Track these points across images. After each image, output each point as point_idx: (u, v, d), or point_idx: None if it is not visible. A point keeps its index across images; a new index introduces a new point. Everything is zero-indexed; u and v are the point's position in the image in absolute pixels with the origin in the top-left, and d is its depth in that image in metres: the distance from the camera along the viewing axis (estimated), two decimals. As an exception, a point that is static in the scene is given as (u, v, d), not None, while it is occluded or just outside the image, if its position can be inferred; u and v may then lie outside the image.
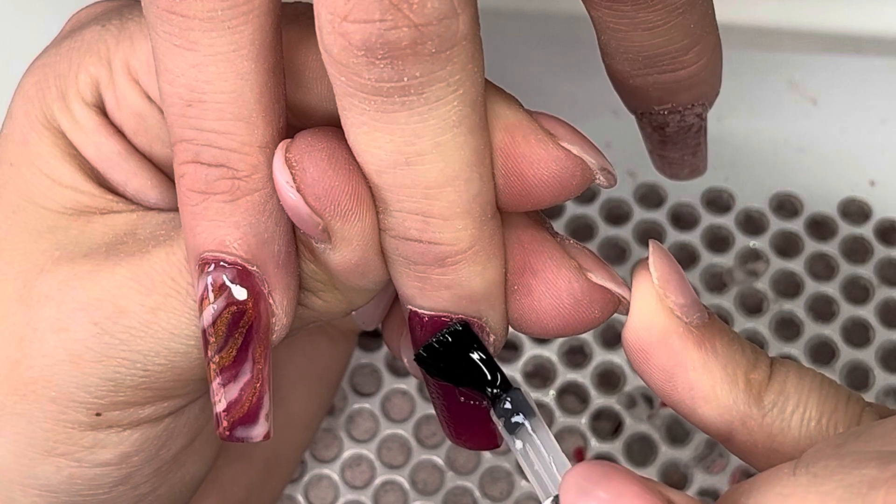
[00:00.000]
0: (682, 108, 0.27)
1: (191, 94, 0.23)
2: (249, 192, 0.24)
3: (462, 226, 0.23)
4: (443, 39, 0.21)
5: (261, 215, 0.24)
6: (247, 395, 0.24)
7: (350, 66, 0.22)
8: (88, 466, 0.27)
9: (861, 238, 0.41)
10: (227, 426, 0.25)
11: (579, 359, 0.39)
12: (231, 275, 0.24)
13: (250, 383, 0.25)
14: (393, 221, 0.23)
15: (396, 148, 0.22)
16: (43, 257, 0.26)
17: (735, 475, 0.37)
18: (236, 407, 0.25)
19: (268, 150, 0.24)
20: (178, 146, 0.24)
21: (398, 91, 0.22)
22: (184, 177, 0.24)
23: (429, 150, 0.22)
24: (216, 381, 0.24)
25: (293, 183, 0.23)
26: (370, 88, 0.22)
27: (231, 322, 0.24)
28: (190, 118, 0.24)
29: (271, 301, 0.24)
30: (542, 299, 0.25)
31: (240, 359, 0.24)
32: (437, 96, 0.22)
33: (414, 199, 0.23)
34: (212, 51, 0.23)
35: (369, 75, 0.22)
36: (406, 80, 0.22)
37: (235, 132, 0.24)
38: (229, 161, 0.24)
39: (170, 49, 0.23)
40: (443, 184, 0.23)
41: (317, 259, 0.25)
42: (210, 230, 0.24)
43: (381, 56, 0.21)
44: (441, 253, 0.23)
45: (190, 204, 0.24)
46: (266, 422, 0.25)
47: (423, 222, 0.23)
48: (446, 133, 0.22)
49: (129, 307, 0.25)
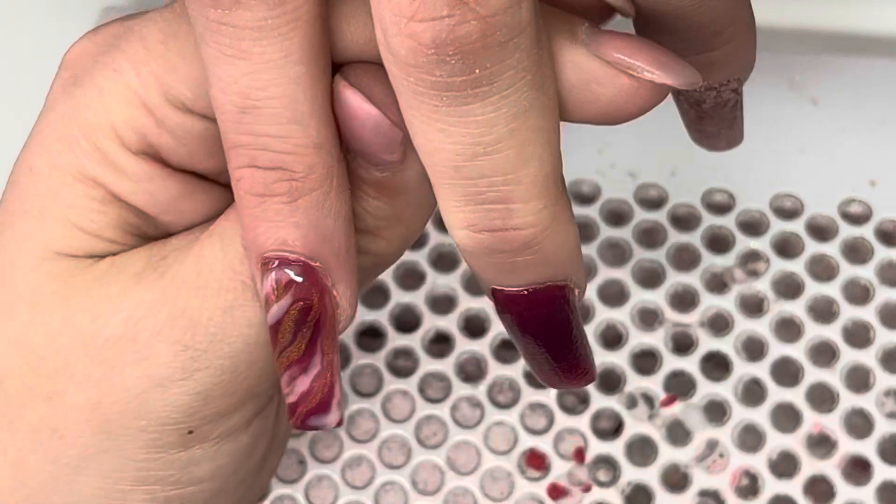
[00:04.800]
0: (718, 85, 0.27)
1: (245, 101, 0.24)
2: (308, 191, 0.24)
3: (543, 205, 0.24)
4: (510, 28, 0.22)
5: (319, 212, 0.24)
6: (318, 386, 0.25)
7: (420, 66, 0.22)
8: (183, 486, 0.27)
9: (861, 239, 0.41)
10: (302, 415, 0.25)
11: (579, 359, 0.39)
12: (296, 271, 0.25)
13: (321, 374, 0.25)
14: (475, 216, 0.24)
15: (473, 140, 0.23)
16: (90, 300, 0.26)
17: (735, 475, 0.37)
18: (308, 397, 0.25)
19: (322, 150, 0.24)
20: (233, 151, 0.24)
21: (470, 84, 0.22)
22: (241, 180, 0.24)
23: (505, 137, 0.23)
24: (287, 374, 0.25)
25: (368, 101, 0.24)
26: (442, 85, 0.22)
27: (298, 318, 0.25)
28: (245, 124, 0.24)
29: (336, 293, 0.25)
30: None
31: (309, 352, 0.25)
32: (507, 84, 0.22)
33: (495, 187, 0.23)
34: (263, 58, 0.23)
35: (440, 72, 0.22)
36: (478, 73, 0.22)
37: (290, 135, 0.24)
38: (286, 163, 0.24)
39: (221, 59, 0.23)
40: (520, 167, 0.23)
41: (381, 191, 0.25)
42: (271, 231, 0.24)
43: (451, 52, 0.22)
44: (526, 237, 0.24)
45: (249, 207, 0.24)
46: (338, 409, 0.25)
47: (506, 210, 0.24)
48: (518, 118, 0.23)
49: (202, 315, 0.26)
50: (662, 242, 0.41)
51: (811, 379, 0.38)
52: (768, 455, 0.37)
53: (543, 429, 0.38)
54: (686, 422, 0.38)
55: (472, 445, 0.38)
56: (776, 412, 0.38)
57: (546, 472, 0.38)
